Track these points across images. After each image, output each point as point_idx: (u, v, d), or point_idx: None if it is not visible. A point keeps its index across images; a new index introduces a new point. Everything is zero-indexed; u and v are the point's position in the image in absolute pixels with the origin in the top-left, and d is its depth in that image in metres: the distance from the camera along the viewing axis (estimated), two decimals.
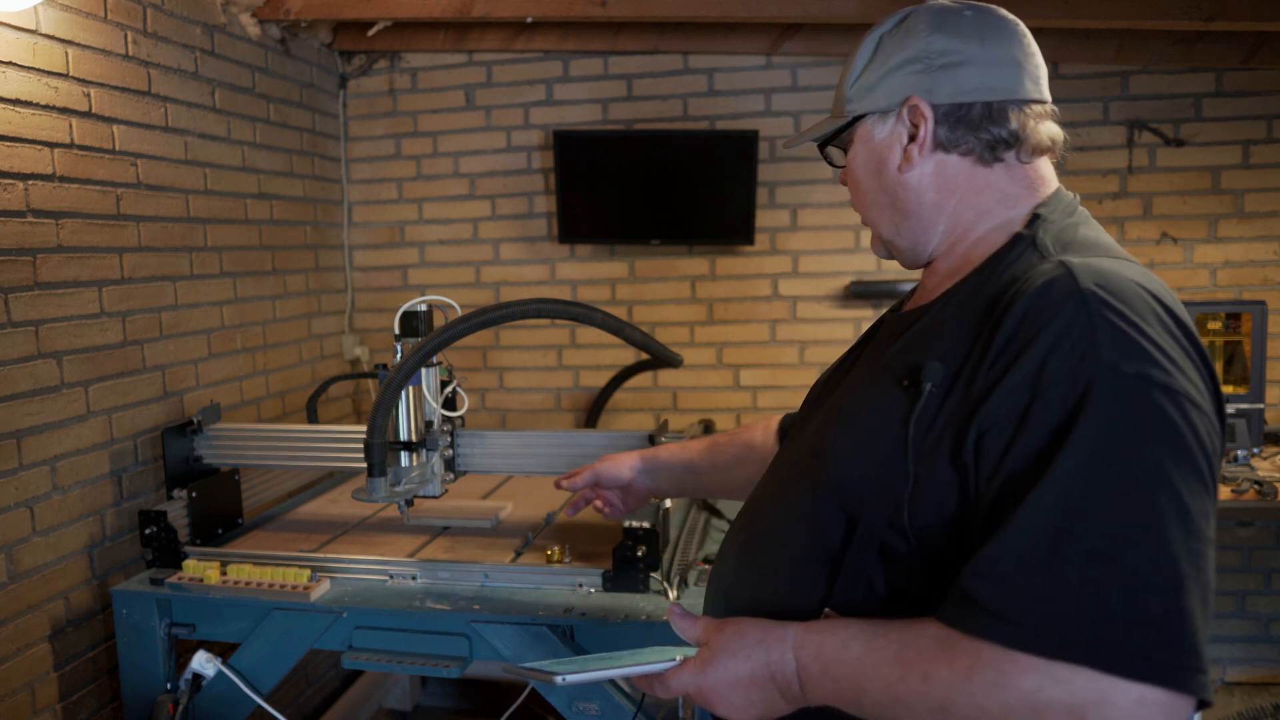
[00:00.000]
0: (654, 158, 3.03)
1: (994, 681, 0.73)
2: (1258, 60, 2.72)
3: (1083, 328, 0.77)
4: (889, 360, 0.95)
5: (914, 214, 1.00)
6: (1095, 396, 0.75)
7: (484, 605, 1.74)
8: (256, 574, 1.82)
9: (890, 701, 0.80)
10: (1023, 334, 0.80)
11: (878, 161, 1.01)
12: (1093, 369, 0.75)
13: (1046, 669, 0.71)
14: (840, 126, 1.04)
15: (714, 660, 0.91)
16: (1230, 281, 2.90)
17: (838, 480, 0.92)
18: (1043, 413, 0.76)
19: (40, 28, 1.90)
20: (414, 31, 3.08)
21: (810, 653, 0.86)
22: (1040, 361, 0.78)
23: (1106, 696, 0.69)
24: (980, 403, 0.81)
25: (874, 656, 0.81)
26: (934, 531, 0.85)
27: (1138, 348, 0.76)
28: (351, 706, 2.87)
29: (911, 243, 1.02)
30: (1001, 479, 0.78)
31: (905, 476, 0.85)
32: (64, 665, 1.96)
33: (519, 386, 3.28)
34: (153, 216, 2.24)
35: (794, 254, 3.09)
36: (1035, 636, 0.72)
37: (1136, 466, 0.73)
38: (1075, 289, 0.80)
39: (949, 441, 0.83)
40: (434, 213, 3.27)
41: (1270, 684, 2.98)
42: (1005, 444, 0.78)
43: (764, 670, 0.88)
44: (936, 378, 0.85)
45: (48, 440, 1.92)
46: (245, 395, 2.63)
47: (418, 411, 1.86)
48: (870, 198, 1.03)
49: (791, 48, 2.94)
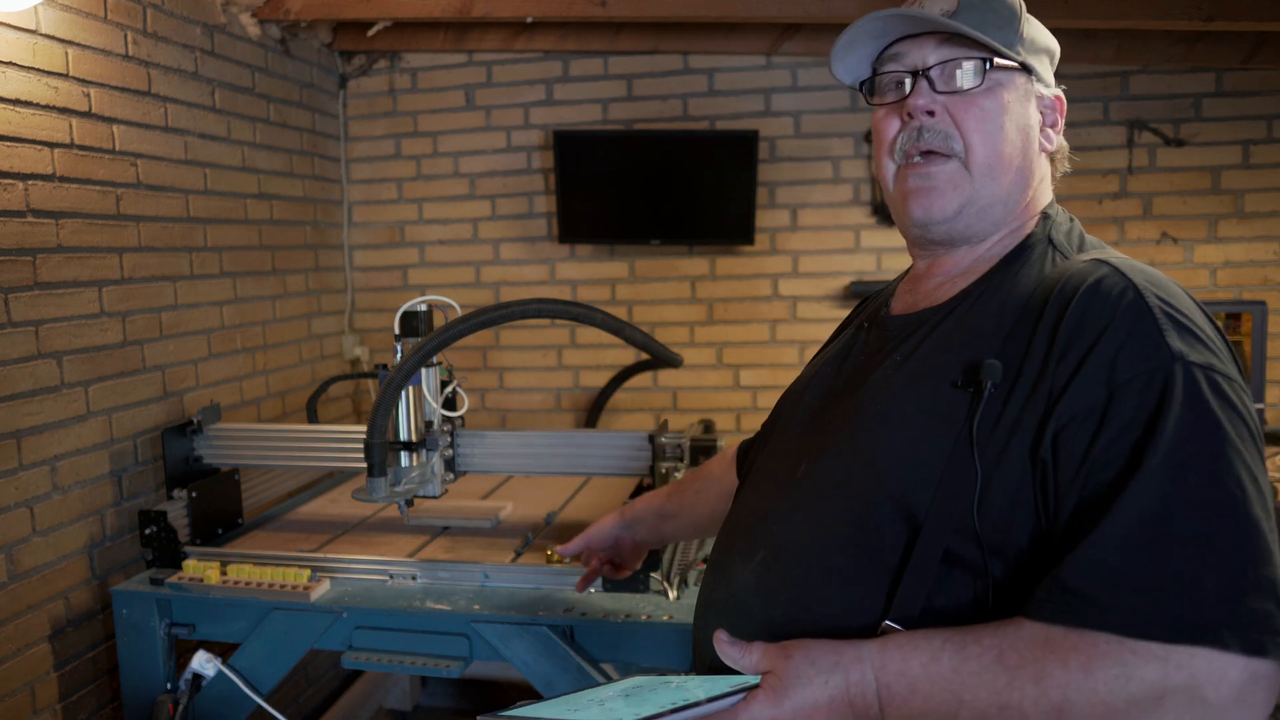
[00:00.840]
0: (654, 158, 3.03)
1: (1117, 674, 0.73)
2: (1258, 60, 2.72)
3: (1147, 322, 0.80)
4: (923, 361, 0.93)
5: (1026, 193, 0.99)
6: (1174, 387, 0.77)
7: (484, 605, 1.74)
8: (256, 574, 1.82)
9: (997, 709, 0.77)
10: (1087, 331, 0.81)
11: (1029, 126, 0.98)
12: (1165, 361, 0.78)
13: (1166, 654, 0.72)
14: (1012, 59, 0.96)
15: (787, 690, 0.83)
16: (1230, 281, 2.90)
17: (897, 486, 0.88)
18: (1124, 407, 0.78)
19: (40, 28, 1.90)
20: (414, 31, 3.08)
21: (894, 670, 0.81)
22: (1112, 357, 0.80)
23: (1223, 674, 0.71)
24: (1055, 402, 0.81)
25: (971, 665, 0.78)
26: (1003, 534, 0.83)
27: (1196, 339, 0.80)
28: (351, 706, 2.87)
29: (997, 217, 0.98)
30: (1087, 474, 0.79)
31: (973, 477, 0.83)
32: (64, 665, 1.96)
33: (519, 386, 3.28)
34: (153, 216, 2.24)
35: (794, 254, 3.09)
36: (1153, 622, 0.72)
37: (1219, 452, 0.76)
38: (1130, 285, 0.83)
39: (1022, 439, 0.82)
40: (434, 213, 3.27)
41: None
42: (1089, 439, 0.79)
43: (843, 695, 0.83)
44: (997, 376, 0.84)
45: (48, 440, 1.92)
46: (245, 395, 2.63)
47: (418, 411, 1.86)
48: (1009, 153, 0.96)
49: (791, 48, 2.94)
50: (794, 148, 3.04)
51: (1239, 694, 0.71)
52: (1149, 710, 0.72)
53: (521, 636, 1.68)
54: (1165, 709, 0.72)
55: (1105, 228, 2.93)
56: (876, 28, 0.96)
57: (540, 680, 1.69)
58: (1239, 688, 0.71)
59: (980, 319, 0.91)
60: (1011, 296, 0.90)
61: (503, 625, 1.69)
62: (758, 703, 0.83)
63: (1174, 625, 0.72)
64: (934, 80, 0.95)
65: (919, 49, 0.96)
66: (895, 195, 1.01)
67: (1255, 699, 0.72)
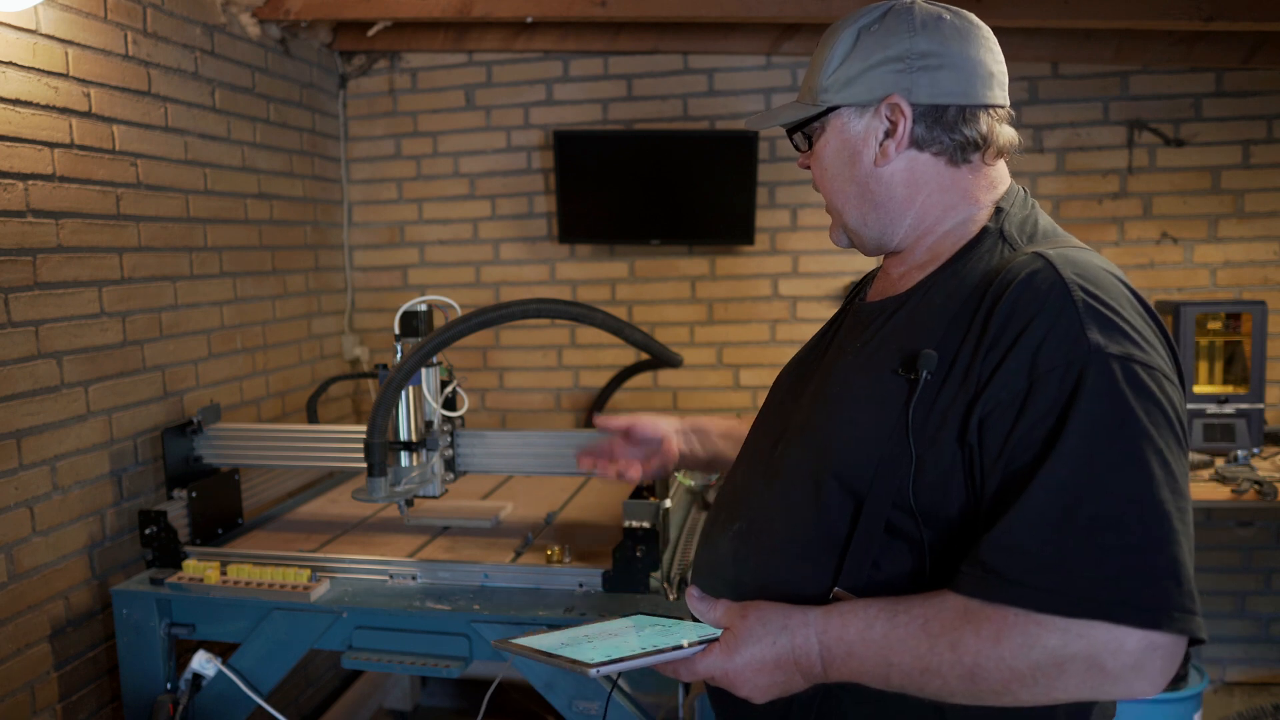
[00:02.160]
0: (654, 158, 3.03)
1: (1022, 643, 0.80)
2: (1258, 60, 2.72)
3: (1069, 315, 0.85)
4: (875, 349, 1.01)
5: (883, 206, 1.05)
6: (1089, 378, 0.83)
7: (484, 605, 1.74)
8: (256, 574, 1.82)
9: (919, 672, 0.86)
10: (1014, 323, 0.87)
11: (851, 153, 1.05)
12: (1083, 352, 0.83)
13: (1068, 626, 0.79)
14: (814, 115, 1.06)
15: (740, 646, 0.94)
16: (1230, 281, 2.90)
17: (843, 464, 0.96)
18: (1042, 396, 0.84)
19: (40, 28, 1.90)
20: (414, 31, 3.08)
21: (834, 635, 0.91)
22: (1035, 348, 0.85)
23: (1121, 645, 0.78)
24: (981, 389, 0.87)
25: (899, 632, 0.87)
26: (937, 510, 0.91)
27: (1118, 330, 0.85)
28: (351, 706, 2.87)
29: (878, 233, 1.07)
30: (1007, 458, 0.85)
31: (909, 457, 0.90)
32: (64, 665, 1.96)
33: (519, 386, 3.28)
34: (153, 216, 2.24)
35: (794, 254, 3.09)
36: (1057, 598, 0.79)
37: (1130, 438, 0.81)
38: (1057, 278, 0.88)
39: (952, 425, 0.89)
40: (434, 213, 3.27)
41: (1270, 684, 2.98)
42: (1009, 426, 0.85)
43: (788, 654, 0.93)
44: (932, 365, 0.91)
45: (48, 440, 1.92)
46: (245, 395, 2.63)
47: (418, 411, 1.86)
48: (838, 186, 1.07)
49: (791, 48, 2.94)
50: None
51: (1136, 663, 0.78)
52: (1051, 675, 0.80)
53: None
54: (1066, 674, 0.80)
55: (1105, 228, 2.94)
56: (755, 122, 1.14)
57: (540, 680, 1.69)
58: (1136, 657, 0.78)
59: (936, 310, 0.97)
60: (958, 290, 0.97)
61: (503, 625, 1.69)
62: (713, 655, 0.95)
63: (1075, 602, 0.78)
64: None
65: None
66: None
67: (1153, 668, 0.79)
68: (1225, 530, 2.96)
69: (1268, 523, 2.94)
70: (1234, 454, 2.57)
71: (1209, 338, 2.67)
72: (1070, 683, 0.80)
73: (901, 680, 0.88)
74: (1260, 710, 2.80)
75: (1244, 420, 2.61)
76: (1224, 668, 3.01)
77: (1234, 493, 2.31)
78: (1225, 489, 2.34)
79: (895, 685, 0.89)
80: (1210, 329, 2.67)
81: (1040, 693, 0.82)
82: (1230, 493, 2.32)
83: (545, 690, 1.70)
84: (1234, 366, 2.67)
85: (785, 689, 0.95)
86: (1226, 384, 2.67)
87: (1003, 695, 0.84)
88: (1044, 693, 0.82)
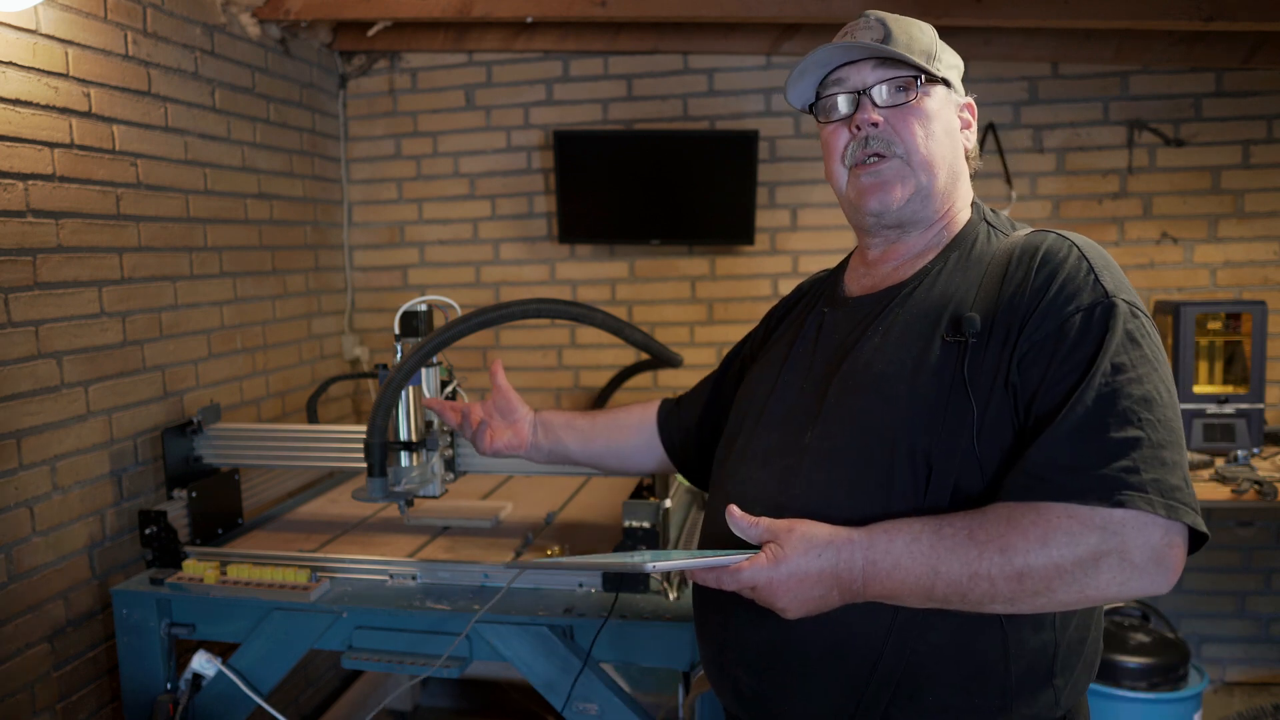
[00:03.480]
0: (654, 158, 3.03)
1: (1066, 541, 0.91)
2: (1258, 60, 2.72)
3: (1086, 271, 1.02)
4: (906, 327, 1.09)
5: (959, 182, 1.18)
6: (1109, 318, 0.98)
7: (484, 605, 1.74)
8: (256, 574, 1.82)
9: (967, 578, 0.94)
10: (1039, 279, 1.02)
11: (953, 128, 1.17)
12: (1102, 297, 1.00)
13: (1105, 522, 0.90)
14: (934, 75, 1.14)
15: (787, 557, 0.99)
16: (1230, 281, 2.90)
17: (907, 433, 1.03)
18: (1070, 334, 0.98)
19: (40, 28, 1.90)
20: (414, 31, 3.08)
21: (880, 549, 0.98)
22: (1060, 296, 1.00)
23: (1147, 538, 0.90)
24: (1017, 336, 1.01)
25: (946, 543, 0.95)
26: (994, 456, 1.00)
27: (1119, 283, 1.03)
28: (351, 706, 2.87)
29: (940, 203, 1.16)
30: (1045, 388, 0.98)
31: (970, 410, 1.00)
32: (64, 665, 1.96)
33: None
34: (153, 216, 2.24)
35: (794, 254, 3.09)
36: (1094, 493, 0.90)
37: (1145, 366, 0.96)
38: (1070, 244, 1.05)
39: (1001, 373, 1.00)
40: (434, 213, 3.27)
41: (1270, 684, 2.98)
42: (1046, 361, 0.98)
43: (831, 568, 0.99)
44: (975, 328, 1.03)
45: (48, 440, 1.92)
46: (245, 395, 2.63)
47: (418, 411, 1.86)
48: (941, 151, 1.14)
49: (791, 48, 2.94)
50: (794, 148, 3.04)
51: (1159, 557, 0.90)
52: (1090, 570, 0.91)
53: (521, 636, 1.68)
54: (1101, 569, 0.91)
55: (1105, 228, 2.94)
56: (824, 57, 1.14)
57: (540, 680, 1.69)
58: (1159, 551, 0.90)
59: (952, 286, 1.10)
60: (975, 265, 1.11)
61: (502, 625, 1.69)
62: (758, 565, 0.99)
63: (1109, 493, 0.90)
64: (874, 97, 1.13)
65: (858, 73, 1.14)
66: (850, 195, 1.18)
67: (1170, 562, 0.91)
68: (1225, 530, 2.96)
69: (1268, 523, 2.94)
70: (1234, 454, 2.57)
71: (1209, 338, 2.67)
72: (1104, 579, 0.90)
73: (945, 590, 0.95)
74: (1260, 710, 2.80)
75: (1244, 420, 2.61)
76: (1224, 668, 3.01)
77: (1234, 493, 2.31)
78: (1225, 489, 2.34)
79: (938, 596, 0.96)
80: (1210, 329, 2.67)
81: (1077, 590, 0.91)
82: (1230, 493, 2.32)
83: (545, 690, 1.70)
84: (1234, 366, 2.67)
85: (822, 604, 1.00)
86: (1226, 384, 2.67)
87: (1041, 596, 0.92)
88: (1079, 590, 0.91)
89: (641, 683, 2.44)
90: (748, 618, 1.11)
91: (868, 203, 1.14)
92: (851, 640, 1.04)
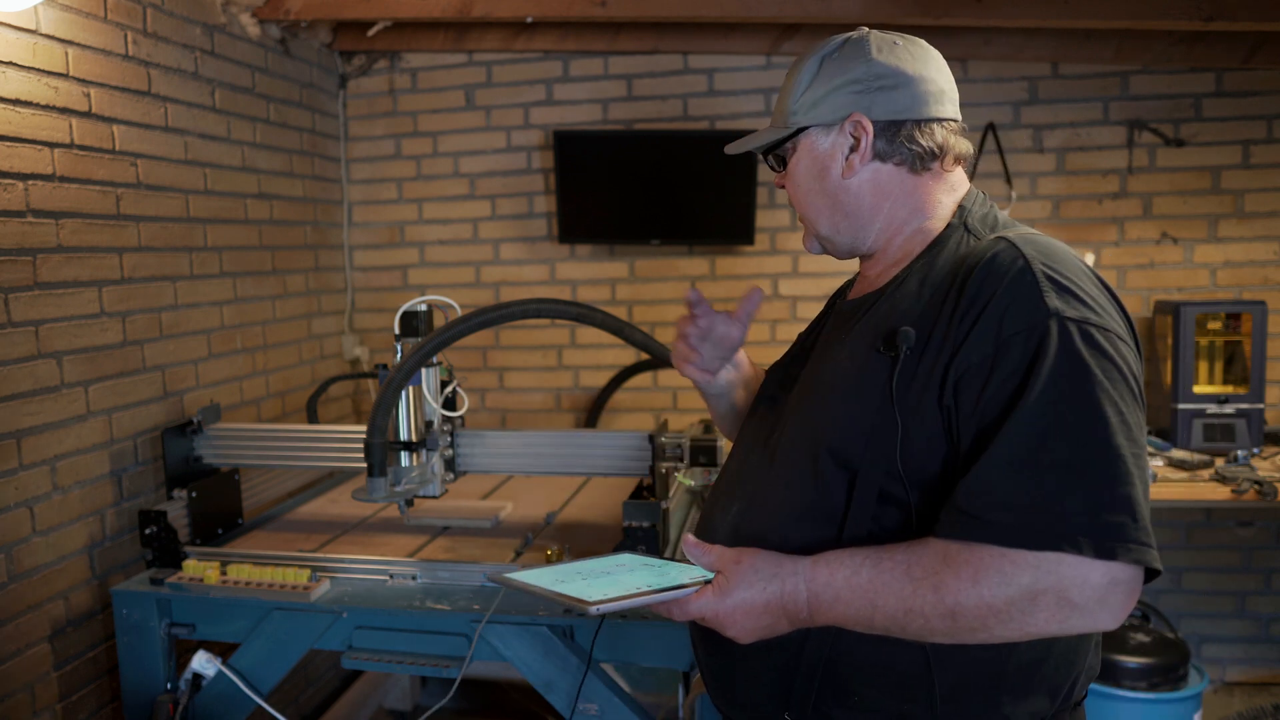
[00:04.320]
0: (654, 158, 3.03)
1: (998, 581, 0.88)
2: (1258, 60, 2.72)
3: (1029, 284, 0.95)
4: (857, 337, 1.09)
5: (853, 214, 1.15)
6: (1049, 339, 0.91)
7: (484, 605, 1.74)
8: (256, 574, 1.82)
9: (903, 613, 0.93)
10: (981, 296, 0.96)
11: (821, 168, 1.15)
12: (1043, 316, 0.93)
13: (1039, 563, 0.86)
14: (785, 136, 1.16)
15: (732, 589, 1.00)
16: (1230, 281, 2.90)
17: (837, 439, 1.03)
18: (1008, 358, 0.93)
19: (40, 28, 1.90)
20: (414, 31, 3.08)
21: (822, 581, 0.98)
22: (999, 315, 0.94)
23: (1086, 578, 0.85)
24: (953, 356, 0.96)
25: (884, 577, 0.94)
26: (922, 473, 0.98)
27: (1074, 296, 0.94)
28: (351, 706, 2.87)
29: (850, 238, 1.17)
30: (980, 414, 0.94)
31: (895, 426, 0.98)
32: (64, 665, 1.96)
33: (519, 386, 3.28)
34: (153, 216, 2.24)
35: (794, 254, 3.09)
36: (1025, 533, 0.87)
37: (1088, 391, 0.90)
38: (1019, 254, 0.98)
39: (932, 391, 0.97)
40: (434, 213, 3.27)
41: (1270, 684, 2.98)
42: (980, 386, 0.94)
43: (777, 599, 1.00)
44: (910, 341, 1.00)
45: (48, 440, 1.92)
46: (245, 395, 2.63)
47: (418, 411, 1.86)
48: (811, 200, 1.17)
49: (791, 48, 2.94)
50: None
51: (1101, 596, 0.86)
52: (1026, 610, 0.87)
53: (521, 636, 1.68)
54: (1038, 608, 0.87)
55: (1105, 228, 2.94)
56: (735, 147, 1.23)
57: (540, 680, 1.69)
58: (1101, 590, 0.86)
59: (911, 296, 1.06)
60: (930, 276, 1.07)
61: (503, 625, 1.69)
62: (706, 596, 1.01)
63: (1041, 536, 0.86)
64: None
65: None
66: None
67: (1115, 601, 0.87)
68: (1225, 530, 2.96)
69: (1268, 523, 2.94)
70: (1234, 454, 2.57)
71: (1209, 338, 2.67)
72: (1042, 617, 0.87)
73: (885, 622, 0.95)
74: (1260, 710, 2.80)
75: (1244, 420, 2.61)
76: (1224, 668, 3.01)
77: (1234, 493, 2.31)
78: (1225, 489, 2.34)
79: (879, 627, 0.96)
80: (1210, 329, 2.67)
81: (1015, 628, 0.89)
82: (1230, 493, 2.32)
83: (545, 690, 1.70)
84: (1234, 366, 2.67)
85: (770, 632, 1.02)
86: (1226, 384, 2.67)
87: (979, 632, 0.91)
88: (1018, 628, 0.89)
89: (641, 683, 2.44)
90: None
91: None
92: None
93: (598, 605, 0.97)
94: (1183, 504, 2.41)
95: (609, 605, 0.97)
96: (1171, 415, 2.65)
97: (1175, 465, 2.50)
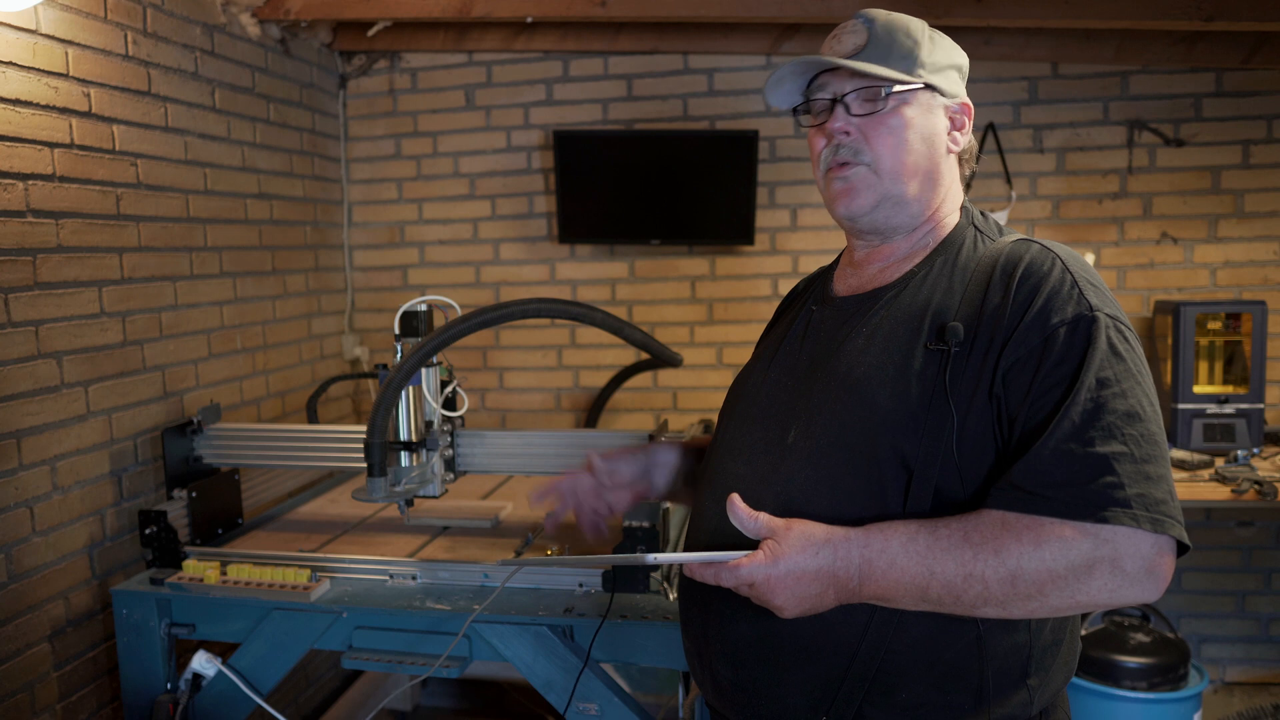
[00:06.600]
0: (654, 158, 3.03)
1: (1060, 547, 0.92)
2: (1258, 60, 2.72)
3: (1070, 285, 1.02)
4: (890, 330, 1.10)
5: (938, 189, 1.17)
6: (1097, 332, 0.99)
7: (483, 605, 1.74)
8: (256, 574, 1.82)
9: (962, 578, 0.95)
10: (1025, 293, 1.03)
11: (933, 133, 1.15)
12: (1086, 311, 1.00)
13: (1096, 532, 0.92)
14: (913, 86, 1.12)
15: (785, 554, 0.99)
16: (1230, 281, 2.90)
17: (891, 436, 1.04)
18: (1056, 348, 0.99)
19: (40, 28, 1.90)
20: (414, 31, 3.08)
21: (877, 548, 0.99)
22: (1046, 310, 1.01)
23: (1138, 548, 0.92)
24: (1002, 347, 1.01)
25: (942, 544, 0.97)
26: (979, 466, 1.01)
27: (1103, 297, 1.03)
28: (351, 706, 2.87)
29: (917, 210, 1.16)
30: (1031, 402, 0.99)
31: (950, 418, 1.01)
32: (64, 665, 1.96)
33: (519, 386, 3.28)
34: (153, 216, 2.24)
35: (794, 254, 3.09)
36: (1086, 507, 0.92)
37: (1128, 380, 0.98)
38: (1053, 256, 1.06)
39: (984, 384, 1.02)
40: (434, 213, 3.27)
41: (1270, 684, 2.98)
42: (1030, 376, 0.99)
43: (829, 567, 1.00)
44: (959, 336, 1.04)
45: (48, 440, 1.92)
46: (245, 395, 2.63)
47: (418, 411, 1.86)
48: (912, 159, 1.14)
49: (791, 48, 2.94)
50: (794, 148, 3.05)
51: (1150, 567, 0.92)
52: (1082, 577, 0.92)
53: (521, 636, 1.68)
54: (1094, 576, 0.92)
55: (1105, 228, 2.94)
56: (799, 67, 1.15)
57: (540, 680, 1.69)
58: (1150, 561, 0.92)
59: (936, 292, 1.10)
60: (960, 273, 1.11)
61: (503, 625, 1.69)
62: (756, 562, 1.00)
63: (1099, 509, 0.92)
64: (849, 105, 1.14)
65: (837, 80, 1.15)
66: (827, 197, 1.19)
67: (1160, 570, 0.93)
68: (1225, 530, 2.96)
69: (1268, 523, 2.94)
70: (1234, 454, 2.57)
71: (1209, 338, 2.67)
72: (1095, 584, 0.92)
73: (940, 590, 0.96)
74: (1260, 710, 2.80)
75: (1244, 420, 2.61)
76: (1224, 668, 3.01)
77: (1234, 493, 2.31)
78: (1225, 489, 2.34)
79: (932, 596, 0.97)
80: (1210, 329, 2.67)
81: (1067, 596, 0.93)
82: (1230, 493, 2.32)
83: (545, 690, 1.70)
84: (1234, 366, 2.67)
85: (817, 603, 1.01)
86: (1226, 384, 2.67)
87: (1033, 600, 0.94)
88: (1070, 596, 0.93)
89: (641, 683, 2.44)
90: (727, 611, 1.13)
91: (837, 207, 1.17)
92: (828, 636, 1.05)
93: (654, 556, 1.00)
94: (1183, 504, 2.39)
95: (664, 557, 1.01)
96: (1171, 415, 2.65)
97: (1175, 465, 2.50)
